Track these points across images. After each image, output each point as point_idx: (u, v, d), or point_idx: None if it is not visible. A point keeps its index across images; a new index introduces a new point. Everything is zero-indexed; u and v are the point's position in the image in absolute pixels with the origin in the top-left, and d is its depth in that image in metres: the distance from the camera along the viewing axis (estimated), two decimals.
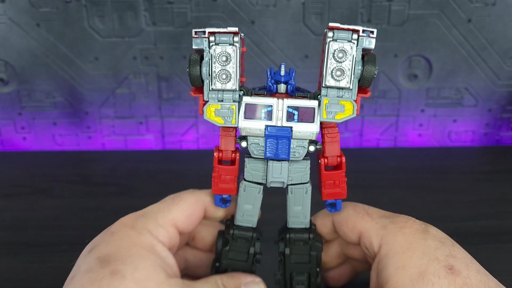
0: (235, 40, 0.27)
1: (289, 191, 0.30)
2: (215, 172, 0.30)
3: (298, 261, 0.32)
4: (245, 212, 0.31)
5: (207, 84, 0.28)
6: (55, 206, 0.53)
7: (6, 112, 0.71)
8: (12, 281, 0.40)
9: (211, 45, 0.27)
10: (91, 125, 0.72)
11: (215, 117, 0.28)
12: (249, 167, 0.30)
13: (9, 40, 0.66)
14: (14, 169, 0.65)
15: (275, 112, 0.28)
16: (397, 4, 0.64)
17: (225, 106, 0.28)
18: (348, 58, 0.27)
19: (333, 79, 0.28)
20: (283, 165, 0.29)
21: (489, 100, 0.70)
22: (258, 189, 0.30)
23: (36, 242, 0.46)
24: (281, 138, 0.28)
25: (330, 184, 0.31)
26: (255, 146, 0.29)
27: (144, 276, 0.26)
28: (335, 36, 0.27)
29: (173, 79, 0.69)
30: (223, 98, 0.28)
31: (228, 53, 0.27)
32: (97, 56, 0.67)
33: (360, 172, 0.62)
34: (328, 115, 0.28)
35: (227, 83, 0.28)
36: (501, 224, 0.48)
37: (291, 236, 0.32)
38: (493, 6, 0.64)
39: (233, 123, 0.28)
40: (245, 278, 0.30)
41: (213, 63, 0.27)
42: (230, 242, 0.31)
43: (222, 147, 0.30)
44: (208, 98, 0.28)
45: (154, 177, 0.61)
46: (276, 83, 0.29)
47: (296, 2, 0.64)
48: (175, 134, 0.72)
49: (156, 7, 0.65)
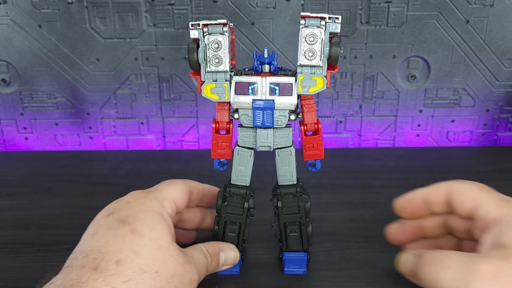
0: (225, 30, 0.33)
1: (277, 154, 0.36)
2: (214, 140, 0.36)
3: (289, 212, 0.38)
4: (239, 172, 0.37)
5: (203, 68, 0.34)
6: (56, 206, 0.54)
7: (8, 112, 0.71)
8: (13, 280, 0.40)
9: (205, 35, 0.33)
10: (92, 125, 0.72)
11: (211, 94, 0.34)
12: (241, 134, 0.36)
13: (11, 41, 0.67)
14: (16, 169, 0.65)
15: (260, 88, 0.34)
16: (396, 5, 0.65)
17: (219, 84, 0.34)
18: (318, 41, 0.33)
19: (306, 59, 0.33)
20: (269, 132, 0.35)
21: (487, 101, 0.71)
22: (250, 153, 0.36)
23: (37, 242, 0.46)
24: (266, 109, 0.34)
25: (310, 147, 0.37)
26: (245, 117, 0.35)
27: (158, 236, 0.31)
28: (306, 23, 0.33)
29: (174, 80, 0.69)
30: (217, 78, 0.34)
31: (219, 41, 0.33)
32: (99, 57, 0.68)
33: (359, 172, 0.62)
34: (303, 89, 0.34)
35: (219, 66, 0.33)
36: None
37: (282, 191, 0.37)
38: (491, 7, 0.65)
39: (226, 99, 0.34)
40: (222, 246, 0.37)
41: (207, 49, 0.33)
42: (227, 198, 0.37)
43: (218, 119, 0.36)
44: (205, 78, 0.34)
45: (155, 177, 0.61)
46: (261, 64, 0.35)
47: (295, 4, 0.65)
48: (176, 134, 0.73)
49: (157, 9, 0.65)
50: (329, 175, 0.61)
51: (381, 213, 0.51)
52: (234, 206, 0.37)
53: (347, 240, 0.46)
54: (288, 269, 0.40)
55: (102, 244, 0.30)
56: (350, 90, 0.70)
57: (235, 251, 0.38)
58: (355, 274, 0.40)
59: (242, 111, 0.35)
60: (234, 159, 0.37)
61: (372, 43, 0.67)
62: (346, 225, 0.49)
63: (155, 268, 0.30)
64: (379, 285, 0.39)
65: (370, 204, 0.53)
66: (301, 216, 0.38)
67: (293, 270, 0.40)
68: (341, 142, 0.74)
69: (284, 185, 0.37)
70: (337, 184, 0.59)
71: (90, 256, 0.29)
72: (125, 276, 0.28)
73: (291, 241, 0.39)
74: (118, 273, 0.28)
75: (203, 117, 0.71)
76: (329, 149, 0.71)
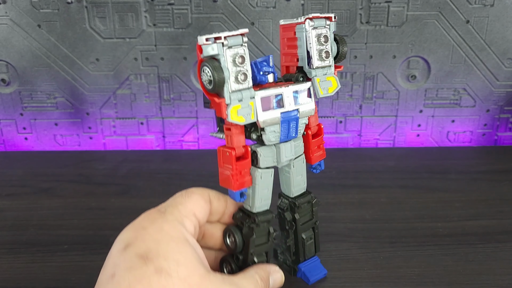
0: (245, 41, 0.29)
1: (292, 166, 0.34)
2: (235, 170, 0.31)
3: (304, 221, 0.36)
4: (262, 197, 0.33)
5: (227, 88, 0.28)
6: (56, 206, 0.54)
7: (8, 112, 0.71)
8: (13, 281, 0.40)
9: (225, 49, 0.28)
10: (92, 125, 0.72)
11: (237, 116, 0.29)
12: (263, 154, 0.32)
13: (11, 41, 0.67)
14: (16, 169, 0.65)
15: (286, 99, 0.31)
16: (396, 5, 0.65)
17: (245, 104, 0.29)
18: (329, 40, 0.32)
19: (319, 61, 0.32)
20: (291, 144, 0.33)
21: (487, 101, 0.71)
22: (271, 172, 0.33)
23: (37, 242, 0.46)
24: (292, 120, 0.32)
25: (316, 149, 0.35)
26: (272, 134, 0.31)
27: (188, 272, 0.26)
28: (315, 24, 0.32)
29: (174, 80, 0.69)
30: (242, 97, 0.29)
31: (242, 54, 0.28)
32: (98, 57, 0.68)
33: (359, 172, 0.62)
34: (324, 91, 0.33)
35: (244, 83, 0.29)
36: (499, 224, 0.48)
37: (298, 202, 0.35)
38: (492, 7, 0.65)
39: (252, 119, 0.30)
40: (269, 268, 0.33)
41: (231, 66, 0.28)
42: (255, 229, 0.33)
43: (235, 145, 0.31)
44: (230, 100, 0.29)
45: (155, 177, 0.62)
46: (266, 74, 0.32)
47: (295, 3, 0.65)
48: (175, 134, 0.73)
49: (157, 8, 0.65)
50: (329, 175, 0.61)
51: (381, 213, 0.51)
52: (260, 235, 0.34)
53: (347, 240, 0.45)
54: (313, 278, 0.38)
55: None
56: (350, 90, 0.70)
57: (281, 273, 0.34)
58: (355, 275, 0.40)
59: (269, 128, 0.31)
60: (256, 184, 0.32)
61: (372, 43, 0.67)
62: (346, 225, 0.48)
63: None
64: (380, 286, 0.39)
65: (370, 204, 0.53)
66: (316, 220, 0.37)
67: (317, 277, 0.38)
68: (341, 142, 0.74)
69: (297, 196, 0.35)
70: (337, 184, 0.59)
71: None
72: None
73: (308, 250, 0.37)
74: None
75: (203, 117, 0.71)
76: (329, 149, 0.71)
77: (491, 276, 0.40)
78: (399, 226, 0.48)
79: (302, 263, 0.38)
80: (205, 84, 0.28)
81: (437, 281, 0.39)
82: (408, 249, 0.44)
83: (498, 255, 0.43)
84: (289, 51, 0.34)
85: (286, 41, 0.34)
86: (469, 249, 0.44)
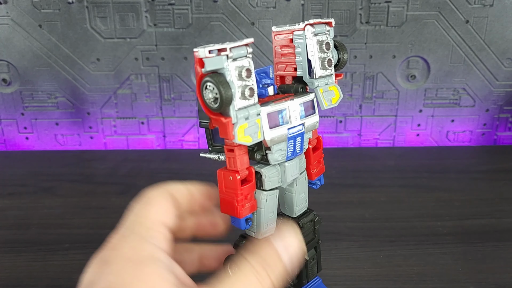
0: (249, 51, 0.25)
1: (295, 184, 0.31)
2: (240, 195, 0.28)
3: (308, 241, 0.33)
4: (268, 221, 0.30)
5: (233, 105, 0.25)
6: (57, 205, 0.54)
7: (9, 112, 0.71)
8: (14, 279, 0.40)
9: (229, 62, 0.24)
10: (93, 125, 0.72)
11: (244, 137, 0.26)
12: (268, 176, 0.29)
13: (12, 41, 0.67)
14: (17, 168, 0.65)
15: (292, 113, 0.28)
16: (396, 5, 0.65)
17: (251, 122, 0.26)
18: (331, 47, 0.29)
19: (322, 69, 0.29)
20: (296, 161, 0.30)
21: (486, 100, 0.71)
22: (276, 193, 0.30)
23: (38, 241, 0.46)
24: (298, 136, 0.29)
25: (316, 164, 0.32)
26: (279, 152, 0.28)
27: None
28: (316, 30, 0.28)
29: (174, 80, 0.69)
30: (249, 114, 0.25)
31: (248, 66, 0.25)
32: (99, 57, 0.68)
33: (359, 172, 0.63)
34: (328, 102, 0.30)
35: (251, 98, 0.25)
36: (498, 223, 0.49)
37: (303, 221, 0.32)
38: (491, 7, 0.65)
39: (259, 138, 0.26)
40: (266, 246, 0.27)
41: (237, 80, 0.25)
42: None
43: (239, 167, 0.27)
44: (237, 119, 0.25)
45: (155, 177, 0.62)
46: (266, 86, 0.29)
47: (295, 4, 0.65)
48: (176, 134, 0.73)
49: (157, 8, 0.65)
50: (329, 174, 0.61)
51: (381, 213, 0.51)
52: None
53: (347, 239, 0.46)
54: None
55: None
56: (350, 90, 0.70)
57: (290, 238, 0.28)
58: (355, 273, 0.40)
59: (275, 146, 0.28)
60: (262, 209, 0.29)
61: (372, 43, 0.67)
62: (346, 224, 0.49)
63: None
64: (379, 284, 0.39)
65: (369, 203, 0.53)
66: (318, 239, 0.34)
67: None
68: (341, 141, 0.74)
69: (300, 215, 0.33)
70: (337, 183, 0.59)
71: None
72: None
73: (311, 271, 0.34)
74: None
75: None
76: (329, 149, 0.71)
77: (490, 275, 0.40)
78: (398, 225, 0.48)
79: (304, 286, 0.35)
80: (208, 103, 0.25)
81: (436, 279, 0.39)
82: (407, 247, 0.44)
83: (497, 254, 0.43)
84: (284, 60, 0.31)
85: (280, 49, 0.31)
86: (468, 248, 0.44)
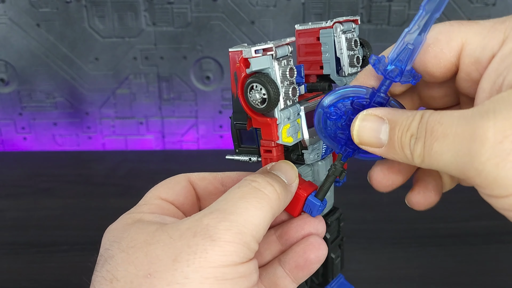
0: (291, 50, 0.25)
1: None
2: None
3: (333, 239, 0.34)
4: None
5: (278, 105, 0.25)
6: (55, 206, 0.53)
7: (7, 112, 0.71)
8: (13, 281, 0.40)
9: (273, 61, 0.24)
10: (91, 125, 0.72)
11: (287, 137, 0.25)
12: (303, 175, 0.28)
13: (10, 41, 0.66)
14: (15, 169, 0.65)
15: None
16: (397, 4, 0.65)
17: (293, 122, 0.26)
18: (358, 45, 0.29)
19: (351, 67, 0.29)
20: (327, 160, 0.30)
21: None
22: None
23: (37, 242, 0.46)
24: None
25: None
26: (315, 151, 0.28)
27: (132, 249, 0.23)
28: (344, 28, 0.28)
29: (174, 79, 0.69)
30: (291, 114, 0.25)
31: (292, 66, 0.25)
32: (98, 57, 0.67)
33: (361, 172, 0.62)
34: None
35: (293, 98, 0.25)
36: (502, 224, 0.48)
37: (330, 219, 0.32)
38: (493, 6, 0.65)
39: (299, 137, 0.26)
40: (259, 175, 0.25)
41: (281, 79, 0.25)
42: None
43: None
44: (281, 119, 0.25)
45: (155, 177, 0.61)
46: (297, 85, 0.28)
47: (296, 2, 0.65)
48: (175, 134, 0.72)
49: (156, 8, 0.65)
50: None
51: (383, 214, 0.50)
52: None
53: (349, 241, 0.45)
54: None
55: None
56: None
57: (291, 164, 0.26)
58: (357, 275, 0.40)
59: (312, 146, 0.27)
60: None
61: (374, 42, 0.67)
62: (348, 226, 0.48)
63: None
64: (382, 286, 0.39)
65: (372, 205, 0.53)
66: (342, 236, 0.34)
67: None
68: None
69: (327, 213, 0.33)
70: None
71: None
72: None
73: (336, 269, 0.35)
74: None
75: (203, 117, 0.71)
76: None
77: (493, 277, 0.40)
78: (401, 227, 0.48)
79: (329, 284, 0.36)
80: (255, 104, 0.24)
81: (439, 281, 0.39)
82: (410, 250, 0.44)
83: (501, 256, 0.43)
84: (309, 58, 0.31)
85: (303, 47, 0.30)
86: (471, 250, 0.44)
